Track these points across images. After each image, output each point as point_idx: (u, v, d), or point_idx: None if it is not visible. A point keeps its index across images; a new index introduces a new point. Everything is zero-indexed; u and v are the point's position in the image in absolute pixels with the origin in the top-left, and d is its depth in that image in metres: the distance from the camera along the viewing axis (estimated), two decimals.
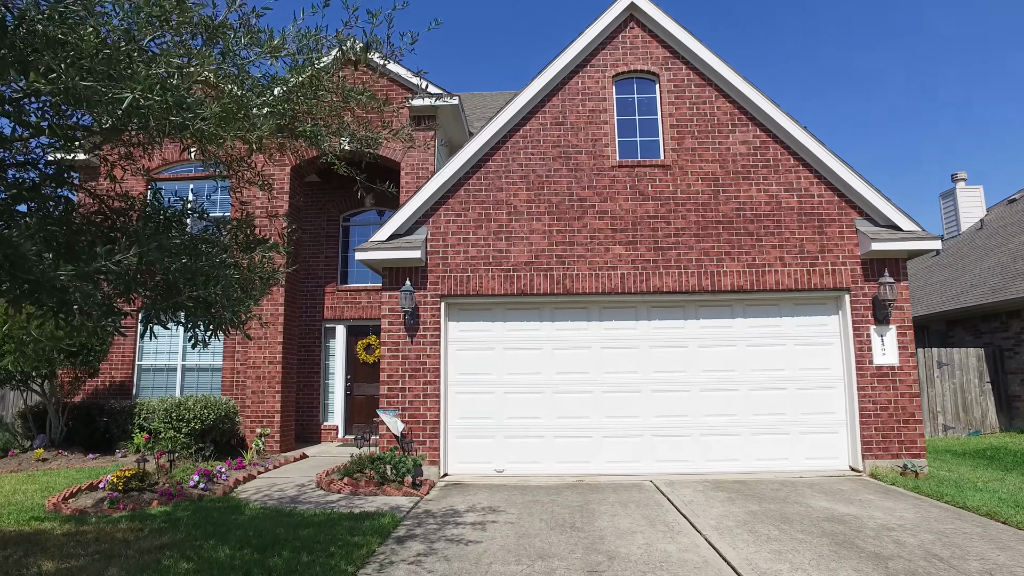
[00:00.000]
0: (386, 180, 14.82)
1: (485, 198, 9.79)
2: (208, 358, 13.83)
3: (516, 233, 9.67)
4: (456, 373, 9.61)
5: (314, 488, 8.71)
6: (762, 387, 9.45)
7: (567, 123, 9.95)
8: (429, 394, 9.32)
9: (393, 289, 9.57)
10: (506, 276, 9.55)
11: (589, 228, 9.64)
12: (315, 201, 14.25)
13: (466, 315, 9.76)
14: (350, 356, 13.72)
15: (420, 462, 8.66)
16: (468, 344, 9.68)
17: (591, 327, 9.68)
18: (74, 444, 12.65)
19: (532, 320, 9.72)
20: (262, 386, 12.05)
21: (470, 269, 9.60)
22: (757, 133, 9.74)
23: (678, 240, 9.55)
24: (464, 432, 9.52)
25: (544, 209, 9.72)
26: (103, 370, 14.03)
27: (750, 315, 9.63)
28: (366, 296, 13.68)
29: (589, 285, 9.48)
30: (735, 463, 9.30)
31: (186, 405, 10.83)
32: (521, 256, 9.60)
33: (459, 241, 9.68)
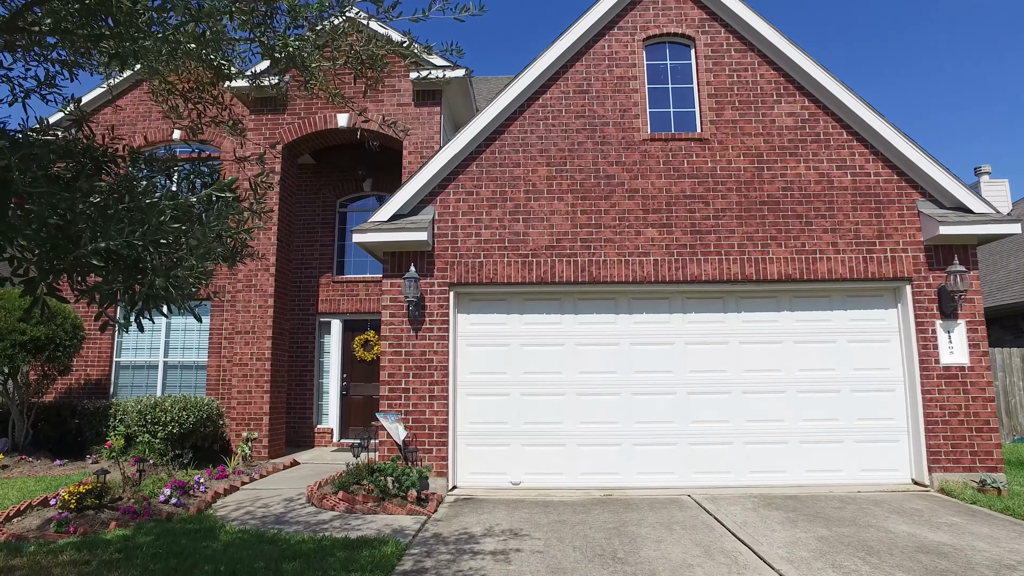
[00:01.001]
0: (388, 160, 13.64)
1: (500, 174, 8.56)
2: (192, 355, 12.55)
3: (535, 214, 8.43)
4: (466, 372, 8.37)
5: (304, 504, 7.45)
6: (812, 389, 8.24)
7: (592, 91, 8.72)
8: (436, 396, 8.07)
9: (395, 276, 8.32)
10: (523, 262, 8.32)
11: (618, 208, 8.42)
12: (309, 185, 12.98)
13: (478, 306, 8.52)
14: (346, 353, 12.46)
15: (426, 474, 7.41)
16: (480, 339, 8.44)
17: (619, 321, 8.45)
18: (41, 449, 11.33)
19: (552, 312, 8.49)
20: (249, 385, 10.77)
21: (483, 254, 8.35)
22: (805, 104, 8.53)
23: (718, 223, 8.33)
24: (475, 439, 8.28)
25: (567, 187, 8.49)
26: (77, 367, 12.72)
27: (797, 308, 8.42)
28: (364, 288, 12.41)
29: (618, 273, 8.25)
30: (782, 475, 8.09)
31: (162, 406, 9.55)
32: (541, 239, 8.37)
33: (470, 222, 8.44)
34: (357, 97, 11.23)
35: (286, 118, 11.31)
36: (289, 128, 11.26)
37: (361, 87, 11.15)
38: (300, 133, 11.23)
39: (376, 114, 11.15)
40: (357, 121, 11.11)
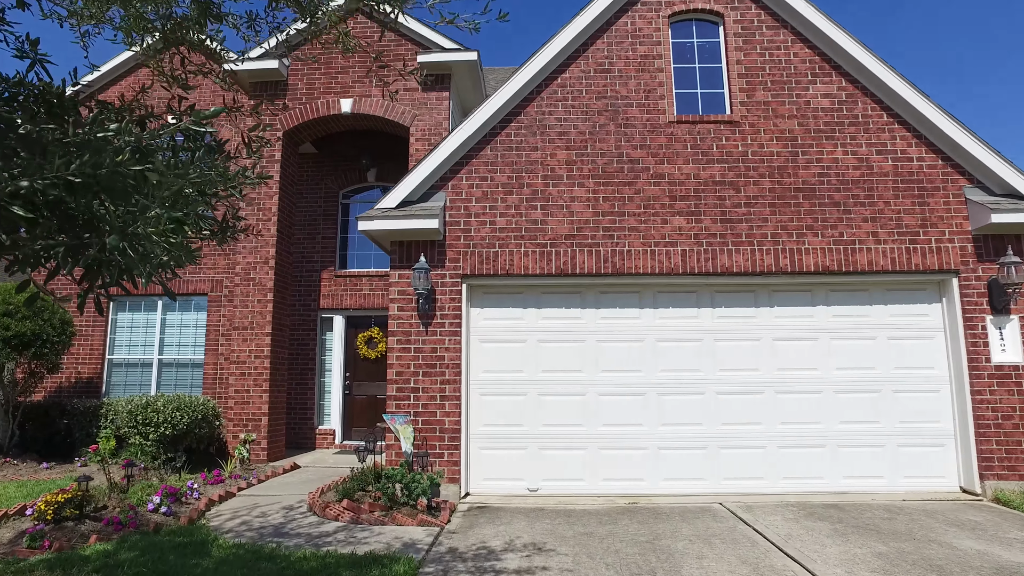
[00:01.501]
0: (393, 149, 13.00)
1: (516, 158, 7.92)
2: (188, 352, 11.90)
3: (554, 200, 7.80)
4: (480, 370, 7.73)
5: (305, 513, 6.80)
6: (850, 389, 7.61)
7: (614, 71, 8.09)
8: (448, 396, 7.43)
9: (404, 267, 7.68)
10: (542, 252, 7.68)
11: (642, 195, 7.79)
12: (311, 175, 12.33)
13: (492, 299, 7.88)
14: (349, 351, 11.81)
15: (438, 481, 6.77)
16: (495, 335, 7.80)
17: (644, 315, 7.82)
18: (28, 451, 10.68)
19: (572, 306, 7.85)
20: (247, 384, 10.12)
21: (498, 243, 7.72)
22: (843, 84, 7.90)
23: (750, 211, 7.70)
24: (490, 442, 7.64)
25: (588, 172, 7.86)
26: (68, 364, 12.07)
27: (834, 302, 7.79)
28: (368, 283, 11.77)
29: (643, 264, 7.62)
30: (819, 481, 7.46)
31: (154, 406, 8.89)
32: (560, 228, 7.73)
33: (484, 210, 7.81)
34: (361, 82, 10.60)
35: (286, 103, 10.67)
36: (290, 114, 10.62)
37: (365, 71, 10.53)
38: (301, 119, 10.58)
39: (381, 99, 10.51)
40: (361, 106, 10.47)
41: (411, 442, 7.28)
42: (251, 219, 10.42)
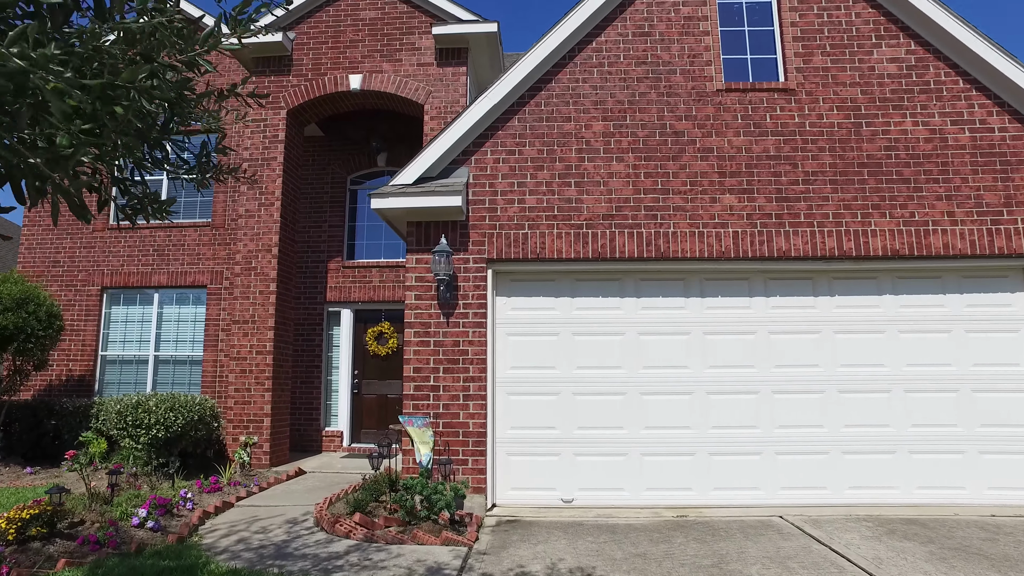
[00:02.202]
0: (405, 132, 12.09)
1: (547, 130, 7.02)
2: (186, 348, 11.01)
3: (590, 176, 6.90)
4: (507, 367, 6.83)
5: (312, 528, 5.90)
6: (923, 388, 6.70)
7: (655, 34, 7.19)
8: (472, 395, 6.53)
9: (422, 251, 6.78)
10: (577, 234, 6.78)
11: (688, 171, 6.88)
12: (317, 160, 11.44)
13: (520, 287, 6.97)
14: (358, 347, 10.91)
15: (463, 492, 5.85)
16: (523, 327, 6.90)
17: (690, 305, 6.91)
18: (14, 453, 9.80)
19: (610, 295, 6.95)
20: (248, 382, 9.22)
21: (527, 224, 6.82)
22: (912, 48, 7.00)
23: (808, 188, 6.80)
24: (518, 447, 6.73)
25: (627, 145, 6.96)
26: (58, 361, 11.20)
27: (901, 291, 6.88)
28: (378, 274, 10.86)
29: (690, 247, 6.72)
30: (890, 492, 6.55)
31: (145, 406, 7.99)
32: (597, 207, 6.83)
33: (512, 187, 6.91)
34: (371, 57, 9.71)
35: (291, 80, 9.77)
36: (294, 91, 9.73)
37: (376, 47, 9.65)
38: (307, 96, 9.69)
39: (393, 75, 9.62)
40: (372, 82, 9.57)
41: (431, 447, 6.38)
42: (252, 204, 9.54)
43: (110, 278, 11.23)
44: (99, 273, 11.28)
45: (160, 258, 11.14)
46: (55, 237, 11.55)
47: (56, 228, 11.57)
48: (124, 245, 11.30)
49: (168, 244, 11.16)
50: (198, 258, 11.03)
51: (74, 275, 11.37)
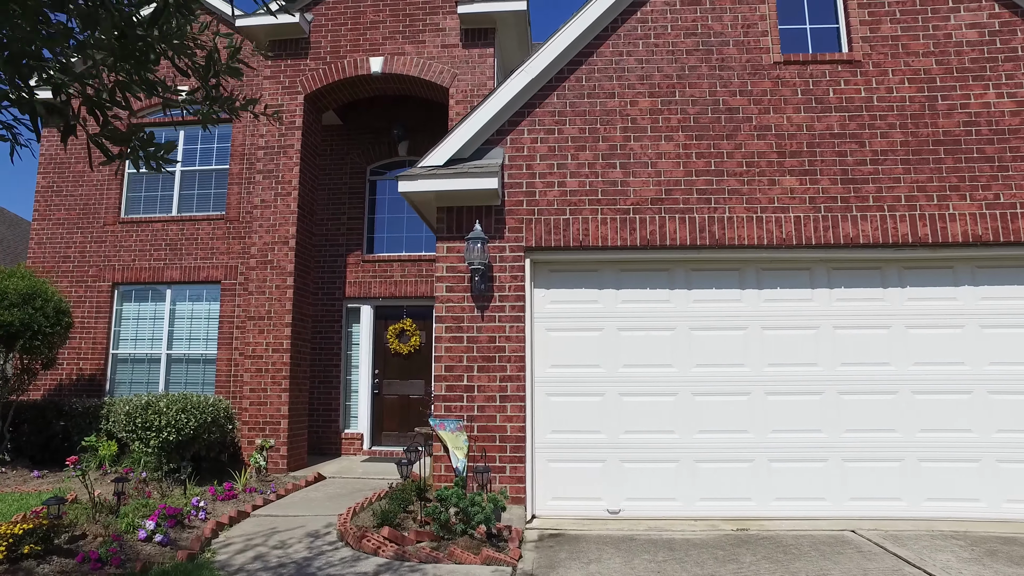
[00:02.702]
0: (428, 119, 11.27)
1: (589, 107, 6.40)
2: (199, 346, 10.48)
3: (636, 157, 6.27)
4: (547, 365, 6.21)
5: (335, 542, 5.30)
6: (1009, 390, 6.00)
7: (705, 3, 6.55)
8: (509, 396, 5.92)
9: (453, 238, 6.18)
10: (623, 220, 6.15)
11: (744, 151, 6.23)
12: (335, 149, 10.87)
13: (561, 279, 6.35)
14: (378, 345, 10.32)
15: (503, 503, 5.24)
16: (564, 322, 6.28)
17: (746, 298, 6.26)
18: (22, 455, 9.31)
19: (659, 286, 6.31)
20: (264, 381, 8.66)
21: (569, 209, 6.20)
22: (995, 11, 6.31)
23: (877, 168, 6.13)
24: (559, 453, 6.11)
25: (676, 123, 6.32)
26: (68, 360, 10.71)
27: (983, 282, 6.19)
28: (400, 268, 10.28)
29: (747, 234, 6.07)
30: (974, 505, 5.86)
31: (156, 407, 7.44)
32: (645, 191, 6.20)
33: (551, 168, 6.29)
34: (393, 39, 9.13)
35: (308, 63, 9.21)
36: (312, 75, 9.16)
37: (398, 28, 9.06)
38: (325, 81, 9.12)
39: (416, 57, 9.02)
40: (394, 65, 8.98)
41: (464, 453, 5.77)
42: (268, 193, 8.98)
43: (121, 273, 10.72)
44: (110, 268, 10.78)
45: (172, 253, 10.62)
46: (65, 231, 11.07)
47: (66, 221, 11.09)
48: (135, 239, 10.79)
49: (181, 238, 10.64)
50: (212, 252, 10.50)
51: (84, 270, 10.87)
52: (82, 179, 11.17)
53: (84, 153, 11.22)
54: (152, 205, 11.03)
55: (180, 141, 11.09)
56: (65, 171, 11.25)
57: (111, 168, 11.04)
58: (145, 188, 11.11)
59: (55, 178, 11.26)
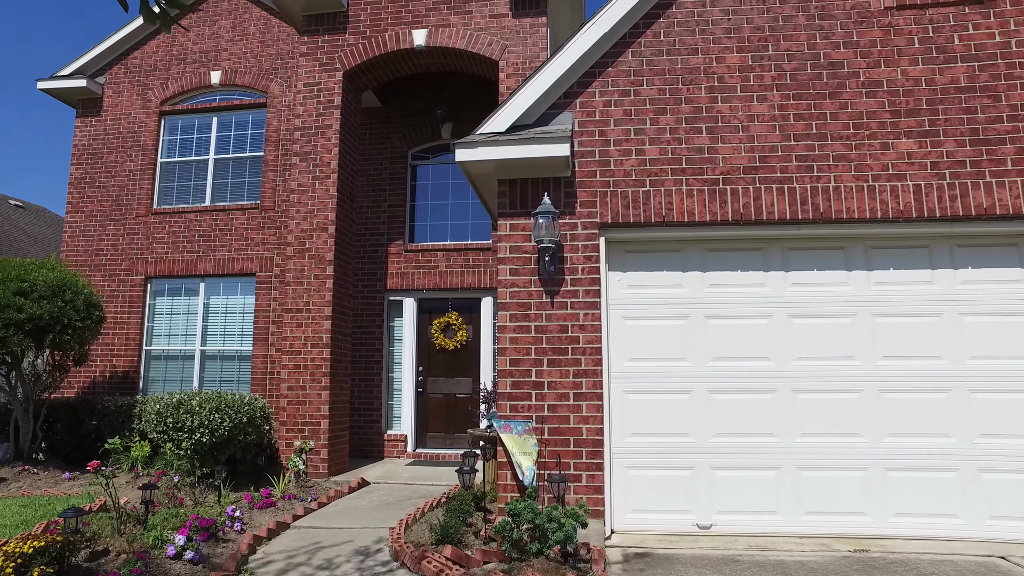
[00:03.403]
0: (473, 99, 9.29)
1: (669, 65, 5.56)
2: (234, 342, 9.88)
3: (725, 120, 5.42)
4: (624, 358, 5.39)
5: (389, 561, 4.56)
6: None
7: None
8: (584, 393, 5.12)
9: (517, 214, 5.40)
10: (712, 192, 5.31)
11: (851, 111, 5.34)
12: (375, 132, 10.20)
13: (638, 260, 5.53)
14: (422, 340, 9.61)
15: (584, 519, 4.43)
16: (643, 309, 5.45)
17: (853, 280, 5.37)
18: (55, 456, 8.80)
19: (751, 268, 5.45)
20: (302, 379, 8.00)
21: (648, 180, 5.37)
22: None
23: (1016, 126, 5.18)
24: (640, 459, 5.28)
25: (770, 81, 5.45)
26: (102, 356, 10.21)
27: None
28: (444, 258, 9.54)
29: (856, 205, 5.18)
30: None
31: (188, 406, 6.80)
32: (735, 158, 5.35)
33: (627, 135, 5.47)
34: (437, 9, 8.39)
35: (347, 39, 8.52)
36: (351, 51, 8.47)
37: None
38: (365, 56, 8.42)
39: (463, 29, 8.28)
40: (438, 38, 8.25)
41: (533, 459, 4.98)
42: (305, 177, 8.30)
43: (154, 266, 10.18)
44: (142, 261, 10.25)
45: (206, 244, 10.04)
46: (97, 223, 10.58)
47: (99, 214, 10.60)
48: (168, 231, 10.24)
49: (214, 229, 10.06)
50: (246, 243, 9.90)
51: (117, 264, 10.36)
52: (114, 169, 10.67)
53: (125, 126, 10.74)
54: (185, 195, 10.49)
55: (213, 128, 10.52)
56: (98, 161, 10.77)
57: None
58: (178, 178, 10.58)
59: (88, 169, 10.79)
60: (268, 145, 10.08)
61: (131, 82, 10.89)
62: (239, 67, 10.43)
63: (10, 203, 21.55)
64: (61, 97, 11.08)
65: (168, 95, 10.66)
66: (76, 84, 10.76)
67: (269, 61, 10.32)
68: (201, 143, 10.56)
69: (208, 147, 10.49)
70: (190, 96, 10.70)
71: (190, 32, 10.75)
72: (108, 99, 10.92)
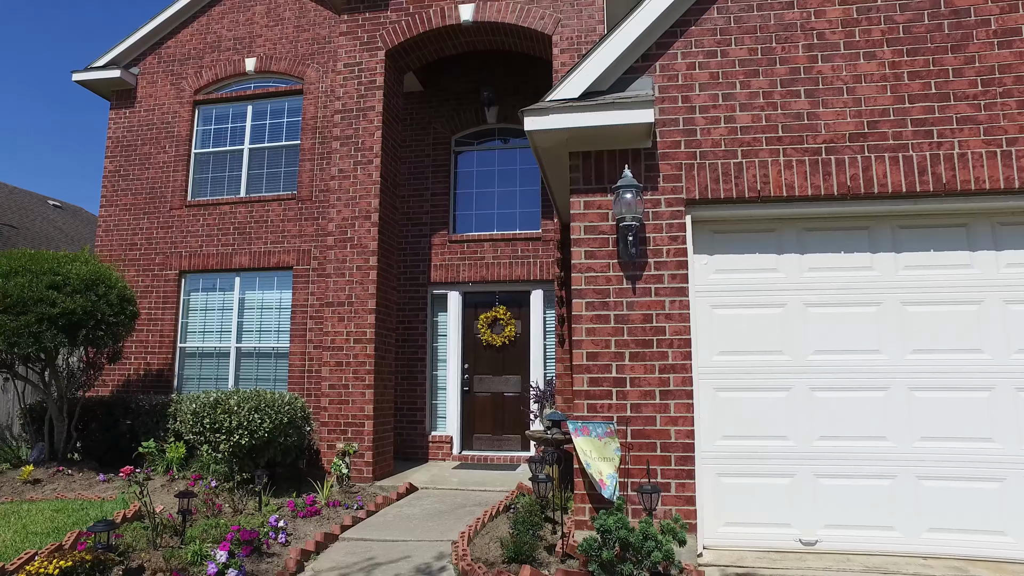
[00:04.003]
0: (521, 82, 8.14)
1: (760, 22, 4.91)
2: (270, 339, 9.43)
3: (827, 81, 4.75)
4: (712, 351, 4.75)
5: None
6: None
7: None
8: (672, 391, 4.49)
9: (592, 190, 4.79)
10: (813, 162, 4.64)
11: (978, 66, 4.63)
12: (415, 118, 9.67)
13: (726, 241, 4.89)
14: (468, 336, 9.04)
15: (683, 536, 3.80)
16: (733, 296, 4.81)
17: (977, 262, 4.66)
18: (89, 456, 8.43)
19: (856, 249, 4.77)
20: (345, 376, 7.48)
21: (740, 151, 4.73)
22: None
23: None
24: (732, 464, 4.64)
25: (879, 36, 4.77)
26: (136, 353, 9.84)
27: None
28: (492, 249, 8.97)
29: (989, 174, 4.47)
30: None
31: (226, 406, 6.31)
32: (840, 124, 4.67)
33: (715, 101, 4.83)
34: None
35: (389, 16, 8.00)
36: (394, 28, 7.95)
37: None
38: (409, 34, 7.89)
39: (512, 2, 7.71)
40: (487, 12, 7.69)
41: (615, 466, 4.37)
42: (347, 163, 7.79)
43: (188, 261, 9.78)
44: (176, 256, 9.86)
45: (241, 237, 9.61)
46: (131, 217, 10.22)
47: (132, 207, 10.25)
48: (203, 224, 9.84)
49: (249, 221, 9.62)
50: (283, 236, 9.44)
51: (151, 258, 9.99)
52: (148, 161, 10.31)
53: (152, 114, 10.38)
54: (219, 187, 10.08)
55: (248, 117, 10.10)
56: (132, 153, 10.42)
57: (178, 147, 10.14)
58: (212, 169, 10.17)
59: (122, 162, 10.45)
60: (305, 133, 9.61)
61: (165, 72, 10.53)
62: (274, 53, 10.00)
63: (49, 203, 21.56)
64: (95, 89, 10.78)
65: (202, 84, 10.27)
66: (110, 75, 10.43)
67: (305, 46, 9.86)
68: (236, 133, 10.14)
69: (243, 136, 10.07)
70: (224, 84, 10.29)
71: (224, 19, 10.35)
72: (142, 90, 10.58)
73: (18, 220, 17.90)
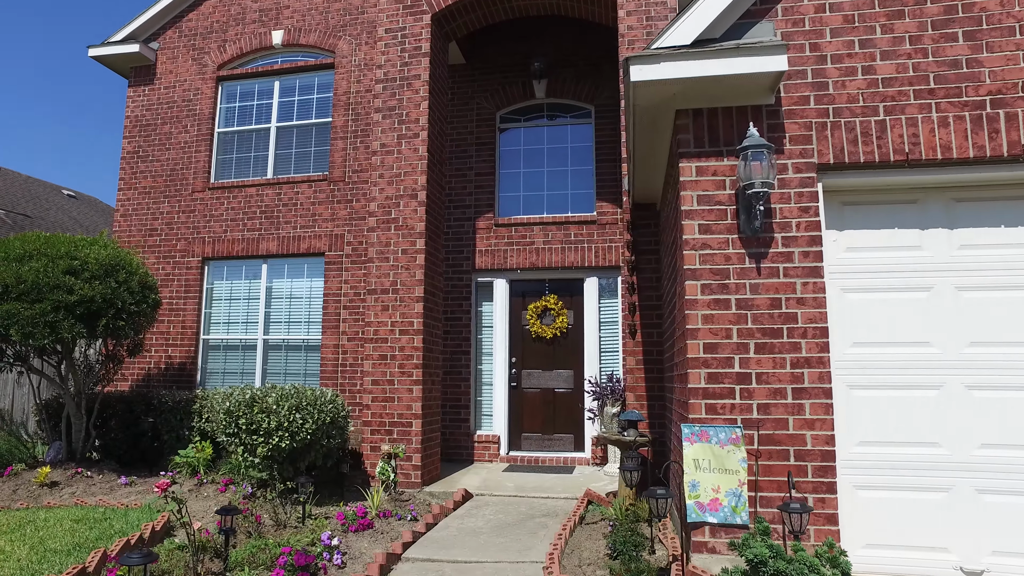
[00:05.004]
0: (572, 52, 7.03)
1: None
2: (300, 330, 8.75)
3: (991, 21, 3.99)
4: (846, 343, 4.02)
5: None
6: None
7: None
8: (807, 389, 3.76)
9: (706, 154, 4.06)
10: (976, 118, 3.89)
11: None
12: (458, 92, 8.94)
13: (857, 215, 4.14)
14: (515, 327, 8.33)
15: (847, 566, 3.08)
16: (868, 278, 4.07)
17: None
18: (109, 456, 7.79)
19: (1015, 222, 4.03)
20: (390, 371, 6.78)
21: (883, 107, 3.98)
22: None
23: None
24: (871, 475, 3.91)
25: None
26: (156, 346, 9.18)
27: None
28: (541, 232, 8.24)
29: None
30: None
31: (263, 404, 5.62)
32: (1009, 72, 3.92)
33: (850, 48, 4.08)
34: None
35: None
36: None
37: None
38: None
39: None
40: None
41: (741, 479, 3.65)
42: (389, 136, 7.07)
43: (211, 247, 9.10)
44: (199, 241, 9.18)
45: (268, 221, 8.92)
46: (151, 201, 9.54)
47: (152, 190, 9.57)
48: (227, 207, 9.15)
49: (277, 204, 8.93)
50: (313, 220, 8.74)
51: (172, 244, 9.32)
52: (169, 141, 9.63)
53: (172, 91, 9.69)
54: (245, 167, 9.38)
55: (275, 93, 9.39)
56: (151, 133, 9.73)
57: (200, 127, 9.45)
58: (237, 149, 9.47)
59: (141, 142, 9.77)
60: (336, 110, 8.90)
61: (186, 46, 9.83)
62: (303, 25, 9.28)
63: (63, 193, 20.98)
64: (112, 65, 10.10)
65: (226, 59, 9.56)
66: (128, 50, 9.75)
67: (336, 17, 9.13)
68: (262, 110, 9.44)
69: (270, 114, 9.36)
70: (249, 59, 9.58)
71: None
72: (162, 65, 9.88)
73: (32, 209, 17.32)
